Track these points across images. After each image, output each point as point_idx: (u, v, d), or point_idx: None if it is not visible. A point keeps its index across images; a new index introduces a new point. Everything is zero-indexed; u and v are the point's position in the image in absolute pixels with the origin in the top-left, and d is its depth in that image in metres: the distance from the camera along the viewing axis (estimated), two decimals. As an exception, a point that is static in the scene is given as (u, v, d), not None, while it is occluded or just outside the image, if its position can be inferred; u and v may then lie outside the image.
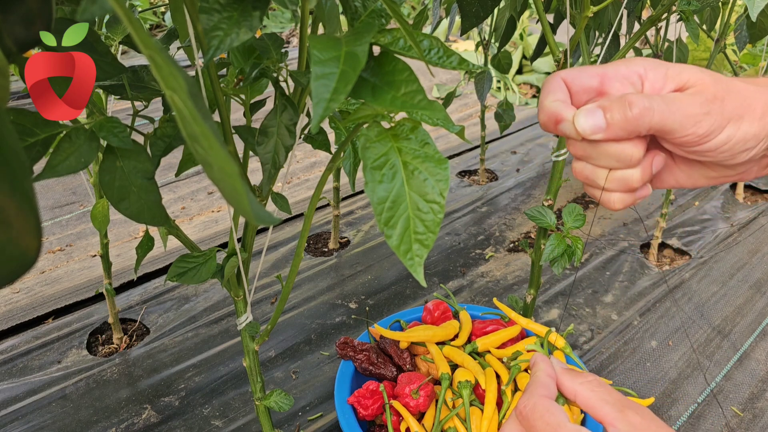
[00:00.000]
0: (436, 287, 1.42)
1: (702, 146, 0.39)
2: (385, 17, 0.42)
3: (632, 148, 0.39)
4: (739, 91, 0.39)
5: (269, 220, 0.23)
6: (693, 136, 0.38)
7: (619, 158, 0.40)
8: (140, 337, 1.27)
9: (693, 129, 0.38)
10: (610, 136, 0.39)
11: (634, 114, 0.38)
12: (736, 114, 0.38)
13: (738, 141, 0.39)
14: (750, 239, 1.62)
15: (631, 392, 0.90)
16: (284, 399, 0.73)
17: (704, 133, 0.38)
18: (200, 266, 0.61)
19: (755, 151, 0.39)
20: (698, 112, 0.38)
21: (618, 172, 0.41)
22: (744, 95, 0.39)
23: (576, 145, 0.42)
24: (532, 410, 0.44)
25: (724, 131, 0.38)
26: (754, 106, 0.38)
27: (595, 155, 0.41)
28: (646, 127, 0.38)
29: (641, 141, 0.40)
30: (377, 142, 0.39)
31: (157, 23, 3.31)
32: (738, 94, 0.39)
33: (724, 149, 0.39)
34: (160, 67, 0.20)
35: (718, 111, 0.38)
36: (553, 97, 0.41)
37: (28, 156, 0.45)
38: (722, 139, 0.38)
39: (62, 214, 1.75)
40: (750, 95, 0.39)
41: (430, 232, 0.38)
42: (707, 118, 0.38)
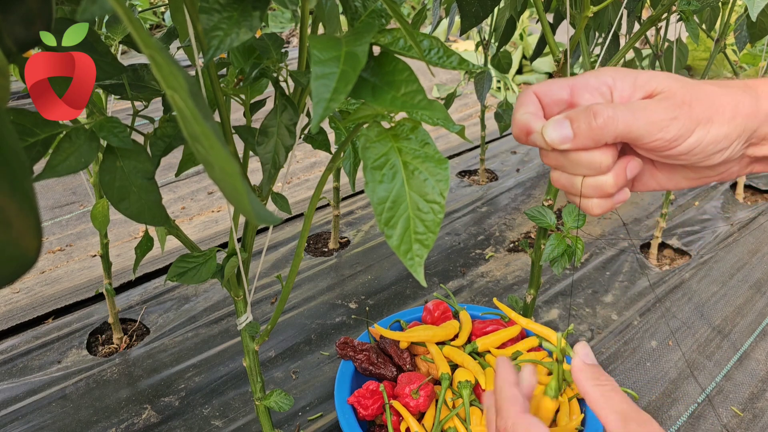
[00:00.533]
0: (436, 287, 1.42)
1: (672, 150, 0.40)
2: (385, 17, 0.42)
3: (601, 156, 0.40)
4: (708, 95, 0.39)
5: (270, 219, 0.23)
6: (661, 141, 0.39)
7: (589, 166, 0.41)
8: (140, 337, 1.27)
9: (660, 134, 0.39)
10: (578, 145, 0.40)
11: (598, 123, 0.39)
12: (705, 117, 0.39)
13: (709, 143, 0.39)
14: (750, 239, 1.62)
15: (632, 392, 0.90)
16: (284, 399, 0.73)
17: (672, 137, 0.39)
18: (200, 266, 0.61)
19: (729, 152, 0.40)
20: (664, 117, 0.38)
21: (592, 179, 0.42)
22: (713, 99, 0.39)
23: (548, 155, 0.43)
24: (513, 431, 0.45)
25: (693, 134, 0.39)
26: (724, 109, 0.39)
27: (567, 164, 0.42)
28: (611, 135, 0.39)
29: (610, 149, 0.41)
30: (377, 142, 0.39)
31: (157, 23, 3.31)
32: (707, 97, 0.39)
33: (695, 152, 0.40)
34: (161, 67, 0.20)
35: (685, 115, 0.39)
36: (524, 110, 0.42)
37: (28, 156, 0.45)
38: (692, 142, 0.39)
39: (62, 214, 1.75)
40: (719, 98, 0.39)
41: (430, 232, 0.38)
42: (674, 123, 0.38)
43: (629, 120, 0.39)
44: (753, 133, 0.40)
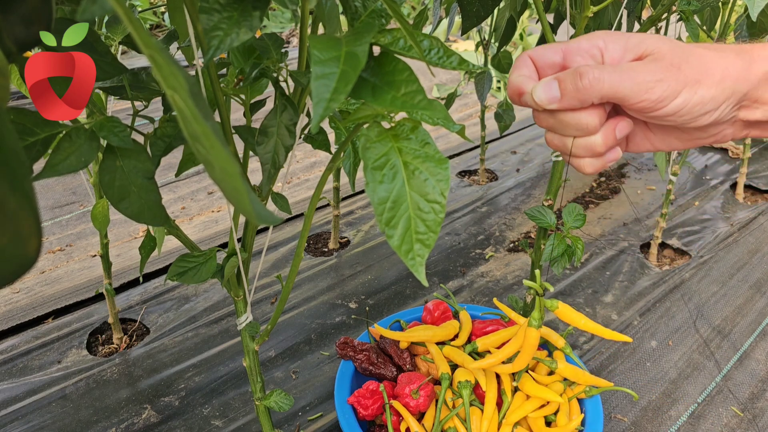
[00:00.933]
0: (436, 287, 1.42)
1: (659, 111, 0.40)
2: (385, 17, 0.42)
3: (588, 117, 0.42)
4: (697, 57, 0.40)
5: (270, 219, 0.23)
6: (647, 102, 0.40)
7: (577, 127, 0.42)
8: (140, 337, 1.27)
9: (646, 95, 0.39)
10: (565, 105, 0.41)
11: (584, 84, 0.40)
12: (693, 79, 0.39)
13: (695, 105, 0.40)
14: (750, 239, 1.62)
15: (632, 392, 0.90)
16: (284, 399, 0.73)
17: (657, 98, 0.39)
18: (200, 266, 0.61)
19: (717, 114, 0.41)
20: (650, 79, 0.39)
21: (582, 140, 0.43)
22: (703, 61, 0.40)
23: (540, 117, 0.44)
24: None
25: (679, 96, 0.40)
26: (713, 71, 0.40)
27: (558, 125, 0.44)
28: (597, 95, 0.40)
29: (597, 110, 0.42)
30: (377, 142, 0.39)
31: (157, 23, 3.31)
32: (696, 60, 0.40)
33: (682, 113, 0.40)
34: (161, 67, 0.20)
35: (672, 77, 0.39)
36: (519, 73, 0.44)
37: (28, 155, 0.45)
38: (678, 103, 0.40)
39: (62, 214, 1.75)
40: (709, 61, 0.40)
41: (431, 232, 0.38)
42: (659, 84, 0.39)
43: (615, 81, 0.40)
44: (743, 96, 0.41)
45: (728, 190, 1.88)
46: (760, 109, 0.42)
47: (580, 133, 0.43)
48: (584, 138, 0.43)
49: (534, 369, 0.95)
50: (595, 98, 0.40)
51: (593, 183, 1.96)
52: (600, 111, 0.42)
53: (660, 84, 0.39)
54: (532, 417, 0.86)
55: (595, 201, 1.84)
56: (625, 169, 2.05)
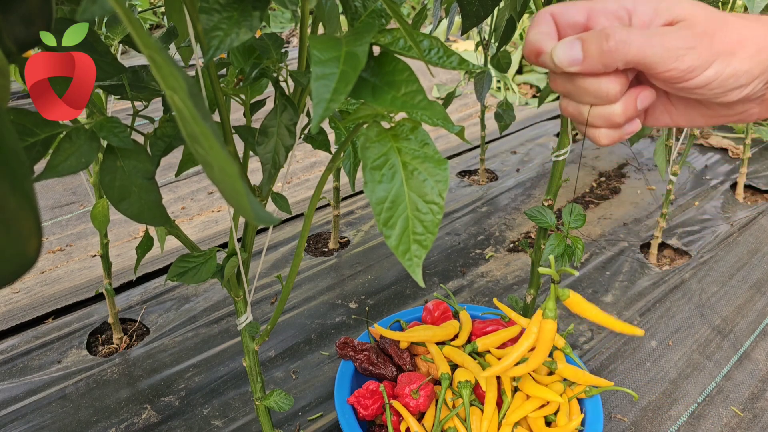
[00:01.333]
0: (436, 287, 1.42)
1: (688, 83, 0.38)
2: (385, 17, 0.42)
3: (608, 83, 0.39)
4: (733, 27, 0.37)
5: (269, 220, 0.23)
6: (676, 71, 0.37)
7: (597, 94, 0.39)
8: (140, 337, 1.27)
9: (675, 64, 0.37)
10: (587, 68, 0.38)
11: (609, 46, 0.37)
12: (727, 50, 0.37)
13: (727, 77, 0.37)
14: (750, 239, 1.62)
15: (631, 392, 0.90)
16: (284, 399, 0.73)
17: (687, 68, 0.37)
18: (200, 266, 0.61)
19: (749, 89, 0.38)
20: (681, 46, 0.37)
21: (600, 108, 0.40)
22: (739, 31, 0.37)
23: (557, 80, 0.41)
24: None
25: (711, 67, 0.37)
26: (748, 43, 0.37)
27: (575, 91, 0.41)
28: (622, 60, 0.37)
29: (620, 76, 0.39)
30: (377, 142, 0.39)
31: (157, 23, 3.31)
32: (732, 29, 0.37)
33: (713, 86, 0.38)
34: (160, 67, 0.20)
35: (705, 46, 0.37)
36: (538, 30, 0.41)
37: (28, 156, 0.45)
38: (709, 75, 0.37)
39: (62, 214, 1.75)
40: (745, 31, 0.37)
41: (428, 233, 0.38)
42: (691, 52, 0.36)
43: (643, 45, 0.37)
44: None
45: (728, 190, 1.88)
46: None
47: (599, 101, 0.40)
48: (603, 107, 0.40)
49: (534, 369, 0.95)
50: (620, 63, 0.37)
51: (593, 183, 1.96)
52: (623, 78, 0.39)
53: (691, 52, 0.36)
54: (532, 417, 0.86)
55: (595, 201, 1.84)
56: (625, 169, 2.05)
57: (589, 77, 0.39)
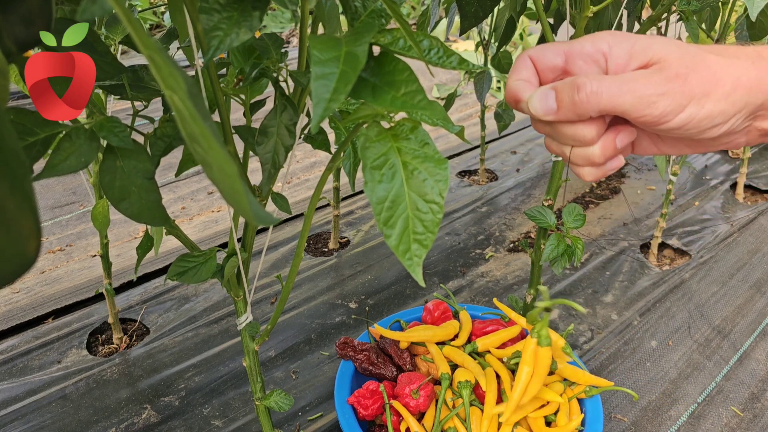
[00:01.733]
0: (436, 287, 1.42)
1: (663, 126, 0.38)
2: (385, 17, 0.42)
3: (585, 129, 0.39)
4: (708, 66, 0.37)
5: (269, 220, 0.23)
6: (649, 117, 0.37)
7: (574, 138, 0.40)
8: (140, 337, 1.27)
9: (648, 111, 0.37)
10: (561, 118, 0.39)
11: (581, 98, 0.37)
12: (700, 92, 0.36)
13: (702, 119, 0.37)
14: (750, 239, 1.62)
15: (631, 392, 0.90)
16: (284, 399, 0.73)
17: (660, 114, 0.37)
18: (200, 266, 0.61)
19: (727, 126, 0.38)
20: (652, 92, 0.36)
21: (579, 150, 0.41)
22: (713, 70, 0.37)
23: (537, 124, 0.42)
24: None
25: (684, 111, 0.37)
26: (723, 82, 0.37)
27: (555, 134, 0.42)
28: (595, 109, 0.38)
29: (595, 122, 0.39)
30: (377, 142, 0.39)
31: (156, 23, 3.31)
32: (706, 69, 0.37)
33: (688, 127, 0.38)
34: (160, 67, 0.20)
35: (677, 90, 0.36)
36: (517, 76, 0.42)
37: (27, 155, 0.45)
38: (683, 118, 0.37)
39: (62, 214, 1.75)
40: (720, 70, 0.37)
41: (429, 232, 0.38)
42: (662, 98, 0.36)
43: (614, 94, 0.37)
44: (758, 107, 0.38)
45: (728, 190, 1.88)
46: None
47: (577, 144, 0.41)
48: (582, 149, 0.41)
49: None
50: (593, 112, 0.38)
51: (593, 183, 1.96)
52: (598, 123, 0.40)
53: (663, 98, 0.36)
54: (532, 417, 0.86)
55: (595, 201, 1.84)
56: (625, 169, 2.05)
57: (566, 124, 0.40)
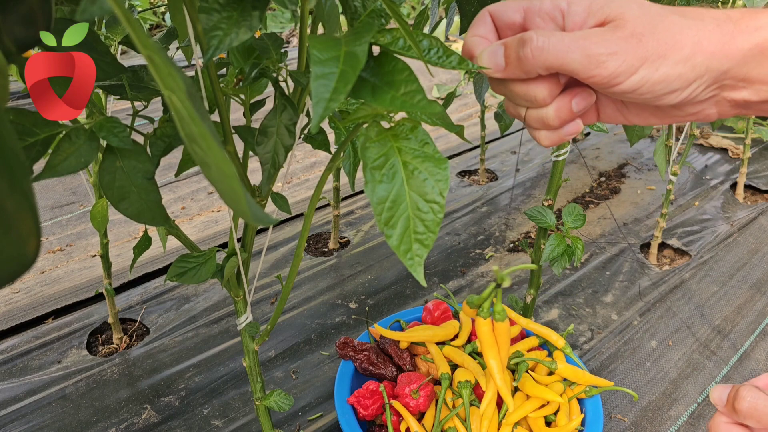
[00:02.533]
0: (436, 287, 1.42)
1: (615, 88, 0.36)
2: (385, 17, 0.42)
3: (536, 89, 0.38)
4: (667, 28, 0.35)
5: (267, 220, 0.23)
6: (599, 77, 0.35)
7: (526, 98, 0.39)
8: (140, 337, 1.27)
9: (597, 71, 0.35)
10: (509, 75, 0.38)
11: (525, 53, 0.36)
12: (656, 53, 0.34)
13: (656, 83, 0.35)
14: (750, 239, 1.62)
15: (631, 392, 0.90)
16: (284, 399, 0.73)
17: (610, 74, 0.35)
18: (200, 266, 0.61)
19: (686, 93, 0.36)
20: (602, 51, 0.34)
21: (534, 111, 0.39)
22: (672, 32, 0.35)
23: (493, 83, 0.41)
24: None
25: (637, 72, 0.35)
26: (681, 45, 0.34)
27: (509, 94, 0.40)
28: (541, 66, 0.36)
29: (547, 81, 0.38)
30: (377, 141, 0.39)
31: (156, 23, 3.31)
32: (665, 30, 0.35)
33: (642, 91, 0.35)
34: (159, 68, 0.20)
35: (630, 50, 0.34)
36: (474, 32, 0.40)
37: (27, 156, 0.45)
38: (636, 81, 0.35)
39: (62, 214, 1.75)
40: (680, 32, 0.35)
41: (430, 232, 0.38)
42: (613, 58, 0.34)
43: (561, 52, 0.35)
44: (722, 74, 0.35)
45: (728, 190, 1.87)
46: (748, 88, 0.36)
47: (531, 105, 0.39)
48: (537, 110, 0.39)
49: (534, 369, 0.95)
50: (541, 69, 0.36)
51: (593, 183, 1.96)
52: (550, 83, 0.38)
53: (613, 58, 0.34)
54: (532, 417, 0.86)
55: (595, 201, 1.84)
56: (625, 169, 2.05)
57: (517, 82, 0.38)
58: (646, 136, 1.21)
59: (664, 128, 1.33)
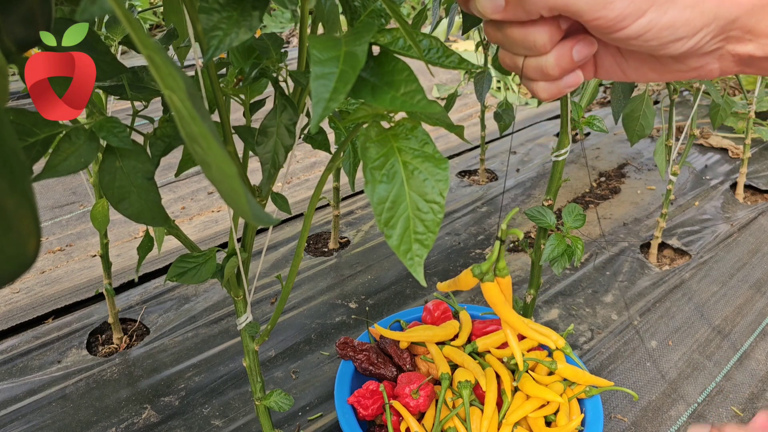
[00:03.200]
0: (436, 287, 1.42)
1: (620, 33, 0.34)
2: (385, 17, 0.42)
3: (536, 33, 0.36)
4: None
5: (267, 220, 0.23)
6: (604, 20, 0.33)
7: (525, 44, 0.37)
8: (140, 337, 1.27)
9: (602, 12, 0.33)
10: (510, 16, 0.36)
11: None
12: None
13: (663, 28, 0.33)
14: (750, 239, 1.62)
15: (632, 392, 0.90)
16: (284, 399, 0.73)
17: (616, 16, 0.33)
18: (200, 266, 0.61)
19: (693, 42, 0.34)
20: None
21: (532, 60, 0.38)
22: None
23: (488, 29, 0.39)
24: None
25: (644, 16, 0.33)
26: None
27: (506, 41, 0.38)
28: (544, 6, 0.34)
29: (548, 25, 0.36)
30: (377, 141, 0.39)
31: (156, 23, 3.31)
32: None
33: (647, 37, 0.34)
34: (159, 67, 0.20)
35: None
36: None
37: (27, 156, 0.45)
38: (643, 25, 0.33)
39: (62, 214, 1.75)
40: None
41: (430, 232, 0.38)
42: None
43: None
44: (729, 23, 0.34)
45: (728, 190, 1.88)
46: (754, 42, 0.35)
47: (530, 52, 0.37)
48: (536, 58, 0.37)
49: (534, 369, 0.95)
50: (543, 10, 0.34)
51: (593, 183, 1.96)
52: (551, 27, 0.36)
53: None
54: (532, 417, 0.86)
55: (595, 201, 1.84)
56: (625, 169, 2.05)
57: (516, 26, 0.36)
58: (646, 135, 1.21)
59: (664, 128, 1.33)
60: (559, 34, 0.37)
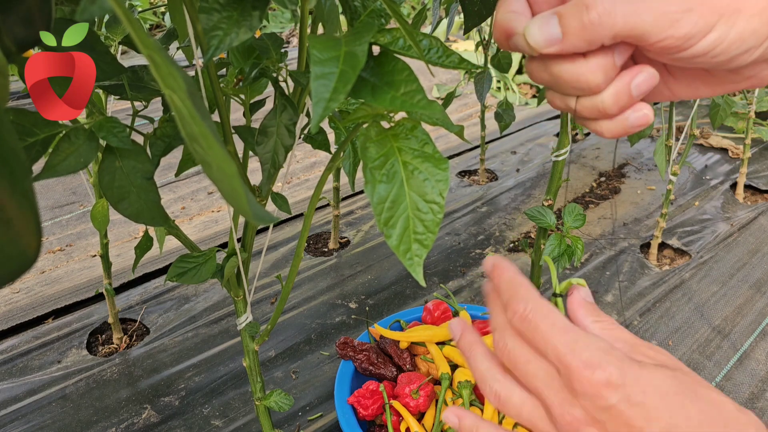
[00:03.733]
0: (436, 287, 1.42)
1: (687, 51, 0.32)
2: (385, 17, 0.42)
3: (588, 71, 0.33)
4: None
5: (268, 219, 0.23)
6: (672, 39, 0.31)
7: (576, 84, 0.33)
8: (140, 337, 1.27)
9: (670, 31, 0.31)
10: (568, 48, 0.32)
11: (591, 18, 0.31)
12: (730, 8, 0.30)
13: (733, 41, 0.31)
14: (750, 239, 1.62)
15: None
16: (284, 399, 0.73)
17: (685, 34, 0.31)
18: (200, 266, 0.61)
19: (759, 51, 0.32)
20: (675, 9, 0.31)
21: (586, 99, 0.34)
22: None
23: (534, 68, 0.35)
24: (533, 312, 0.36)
25: (713, 31, 0.31)
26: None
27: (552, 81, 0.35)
28: (608, 33, 0.31)
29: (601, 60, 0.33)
30: (377, 141, 0.39)
31: (157, 23, 3.31)
32: None
33: (716, 53, 0.32)
34: (159, 67, 0.20)
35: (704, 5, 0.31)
36: (507, 8, 0.35)
37: (27, 156, 0.45)
38: (712, 40, 0.31)
39: (62, 214, 1.75)
40: None
41: (429, 232, 0.38)
42: (688, 15, 0.30)
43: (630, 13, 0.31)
44: None
45: (728, 190, 1.88)
46: None
47: (583, 91, 0.34)
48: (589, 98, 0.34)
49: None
50: (607, 37, 0.31)
51: (593, 183, 1.96)
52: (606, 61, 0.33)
53: (689, 15, 0.30)
54: (532, 417, 0.86)
55: (595, 201, 1.84)
56: (625, 169, 2.05)
57: (567, 63, 0.33)
58: (646, 136, 1.21)
59: (664, 128, 1.33)
60: (615, 70, 0.34)
